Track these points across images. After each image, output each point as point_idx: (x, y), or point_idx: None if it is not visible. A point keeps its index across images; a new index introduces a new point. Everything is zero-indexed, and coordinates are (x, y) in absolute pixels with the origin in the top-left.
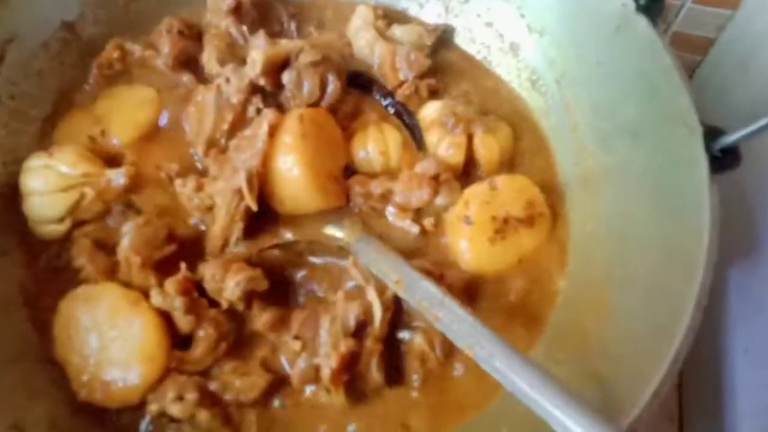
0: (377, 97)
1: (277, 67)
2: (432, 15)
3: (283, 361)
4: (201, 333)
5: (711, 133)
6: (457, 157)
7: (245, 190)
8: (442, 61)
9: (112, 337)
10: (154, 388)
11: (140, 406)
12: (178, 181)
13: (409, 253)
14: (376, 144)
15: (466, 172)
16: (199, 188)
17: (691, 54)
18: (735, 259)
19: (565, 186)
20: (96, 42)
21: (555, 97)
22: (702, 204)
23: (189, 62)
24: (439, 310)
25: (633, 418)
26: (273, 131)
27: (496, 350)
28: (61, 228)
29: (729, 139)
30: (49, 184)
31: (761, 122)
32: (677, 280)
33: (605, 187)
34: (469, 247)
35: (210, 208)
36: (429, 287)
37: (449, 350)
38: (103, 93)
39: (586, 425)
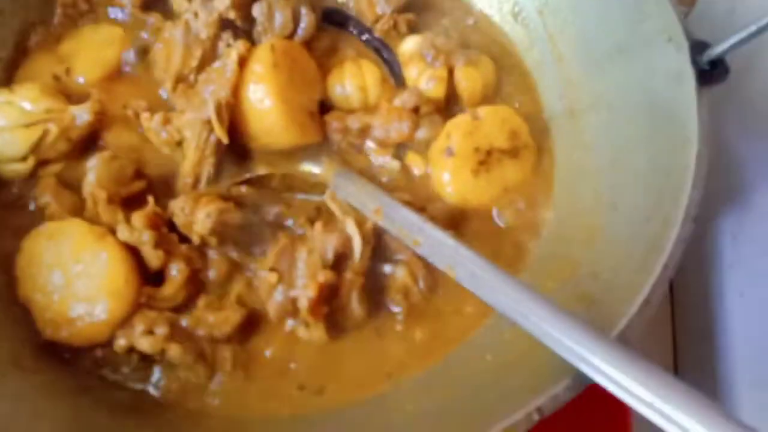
0: (354, 32)
1: (248, 0)
2: None
3: (258, 294)
4: (172, 269)
5: (697, 47)
6: (438, 90)
7: (215, 121)
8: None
9: (76, 273)
10: (123, 325)
11: (109, 345)
12: (144, 115)
13: (390, 189)
14: (353, 79)
15: (448, 107)
16: (167, 122)
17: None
18: (725, 207)
19: (550, 120)
20: None
21: (538, 28)
22: (690, 116)
23: (156, 1)
24: (419, 235)
25: (624, 324)
26: (243, 62)
27: (478, 269)
28: (23, 167)
29: (715, 50)
30: (10, 120)
31: (745, 31)
32: (667, 195)
33: (592, 115)
34: (451, 179)
35: (179, 143)
36: (408, 214)
37: (433, 283)
38: (67, 33)
39: (575, 335)
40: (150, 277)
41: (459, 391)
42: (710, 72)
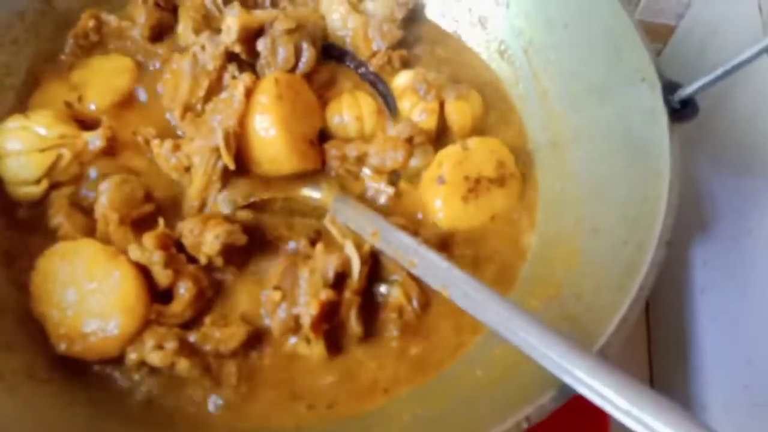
0: (351, 66)
1: (252, 35)
2: None
3: (263, 314)
4: (180, 287)
5: (669, 87)
6: (429, 122)
7: (223, 148)
8: (413, 34)
9: (90, 290)
10: (134, 340)
11: (120, 359)
12: (155, 142)
13: (385, 214)
14: (350, 110)
15: (439, 138)
16: (176, 148)
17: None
18: (697, 235)
19: (535, 151)
20: (72, 13)
21: (523, 66)
22: (663, 151)
23: (164, 33)
24: (414, 257)
25: (604, 341)
26: (249, 93)
27: (470, 289)
28: (37, 189)
29: (686, 91)
30: (26, 144)
31: (713, 74)
32: (642, 222)
33: (573, 148)
34: (442, 205)
35: (187, 169)
36: (403, 237)
37: (425, 302)
38: (79, 63)
39: (560, 350)
40: (159, 295)
41: (452, 402)
42: (681, 110)
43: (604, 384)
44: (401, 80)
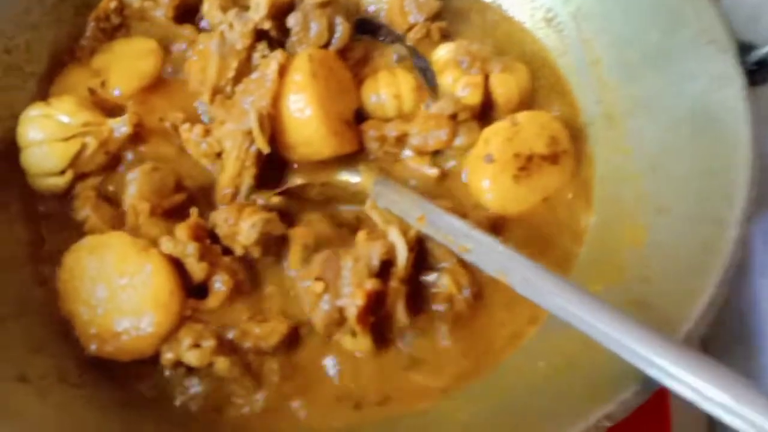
0: (387, 41)
1: (282, 11)
2: None
3: (304, 307)
4: (216, 281)
5: (742, 48)
6: (474, 96)
7: (256, 131)
8: (450, 5)
9: (121, 286)
10: (169, 338)
11: (154, 359)
12: (184, 127)
13: (429, 197)
14: (388, 88)
15: (483, 115)
16: (207, 133)
17: None
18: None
19: (587, 126)
20: None
21: (572, 34)
22: (738, 118)
23: (189, 13)
24: (467, 242)
25: (688, 328)
26: (282, 72)
27: (531, 274)
28: (62, 181)
29: (762, 51)
30: (48, 133)
31: None
32: (717, 197)
33: (631, 120)
34: (491, 186)
35: (219, 155)
36: (453, 221)
37: (477, 291)
38: (101, 47)
39: (641, 339)
40: (193, 290)
41: (514, 397)
42: (756, 73)
43: (698, 376)
44: (442, 54)
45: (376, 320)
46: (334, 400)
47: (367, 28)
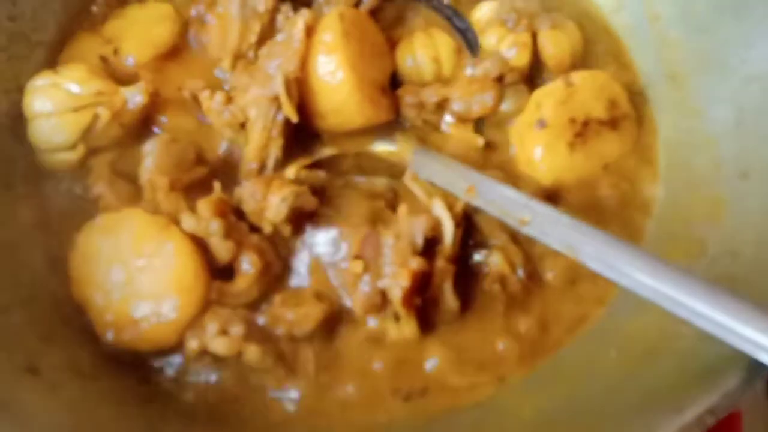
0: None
1: None
2: None
3: (338, 287)
4: (244, 262)
5: None
6: (522, 57)
7: (284, 97)
8: None
9: (139, 268)
10: (193, 325)
11: (175, 348)
12: (204, 94)
13: (475, 168)
14: (425, 50)
15: (531, 78)
16: (229, 100)
17: None
18: None
19: (648, 87)
20: None
21: None
22: None
23: None
24: (525, 213)
25: None
26: (310, 32)
27: (606, 245)
28: (73, 156)
29: None
30: (57, 104)
31: None
32: None
33: (699, 78)
34: (544, 154)
35: (242, 125)
36: (508, 191)
37: (532, 270)
38: (112, 13)
39: (746, 318)
40: (218, 271)
41: (584, 392)
42: None
43: None
44: (483, 11)
45: (422, 303)
46: (376, 391)
47: None
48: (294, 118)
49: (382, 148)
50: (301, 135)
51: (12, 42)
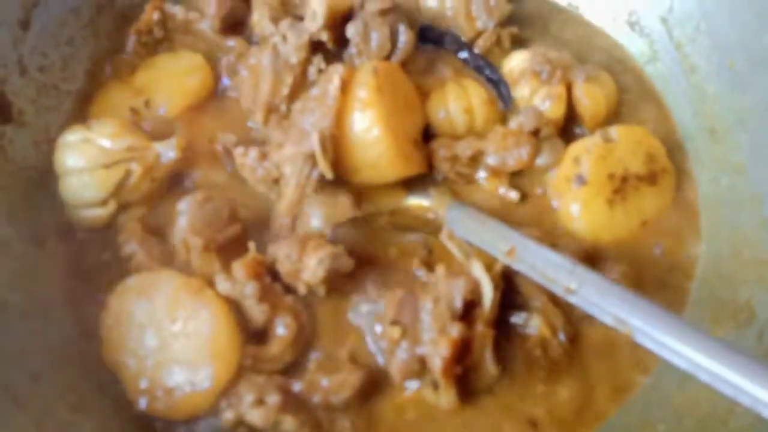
0: (452, 49)
1: (340, 20)
2: None
3: (374, 351)
4: (278, 325)
5: None
6: (557, 109)
7: (319, 155)
8: (522, 11)
9: (173, 333)
10: (227, 392)
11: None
12: (238, 151)
13: (510, 224)
14: (457, 101)
15: (565, 131)
16: (264, 157)
17: None
18: None
19: (687, 139)
20: (132, 8)
21: (662, 38)
22: None
23: (237, 25)
24: (572, 282)
25: None
26: (345, 87)
27: (660, 323)
28: (104, 212)
29: None
30: (89, 160)
31: None
32: None
33: (739, 133)
34: (582, 211)
35: (276, 181)
36: (550, 254)
37: (574, 334)
38: (143, 63)
39: None
40: (249, 334)
41: None
42: None
43: None
44: (515, 62)
45: (463, 369)
46: None
47: (430, 36)
48: (329, 175)
49: (415, 202)
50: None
51: (41, 93)
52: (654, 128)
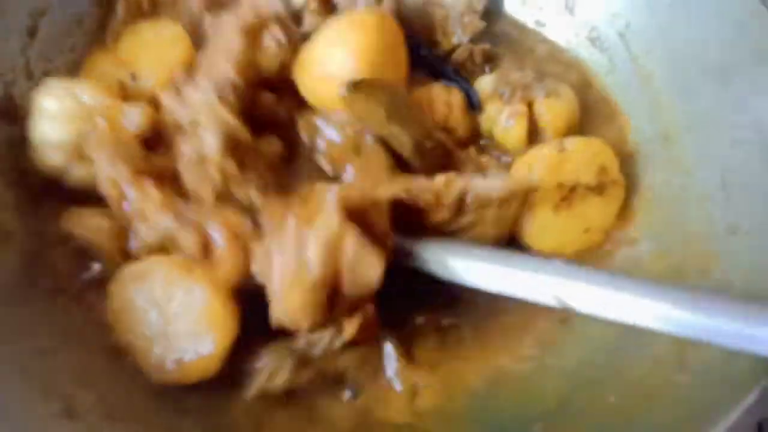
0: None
1: None
2: None
3: None
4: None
5: None
6: (518, 129)
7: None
8: (493, 29)
9: (174, 311)
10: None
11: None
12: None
13: None
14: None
15: (530, 145)
16: None
17: None
18: None
19: (641, 145)
20: None
21: (620, 52)
22: None
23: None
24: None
25: None
26: None
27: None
28: (62, 157)
29: None
30: (65, 107)
31: None
32: None
33: (690, 138)
34: (528, 216)
35: None
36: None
37: None
38: (126, 30)
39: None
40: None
41: None
42: None
43: None
44: (481, 87)
45: None
46: None
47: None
48: None
49: None
50: None
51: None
52: (613, 136)
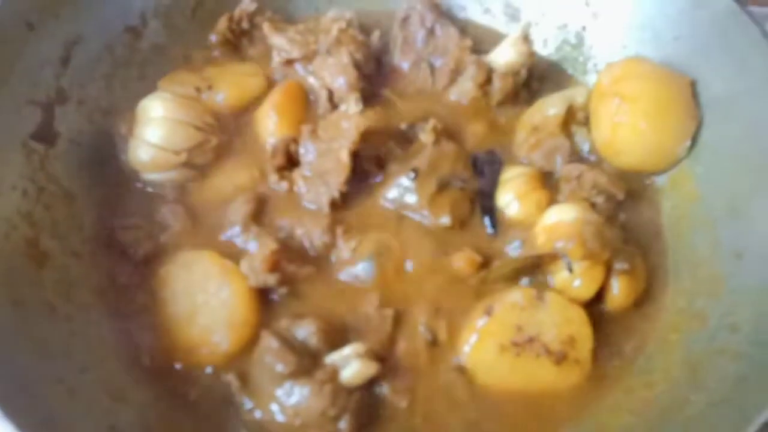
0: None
1: None
2: None
3: None
4: None
5: None
6: (587, 290)
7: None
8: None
9: (204, 302)
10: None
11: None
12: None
13: None
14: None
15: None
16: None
17: None
18: None
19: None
20: (162, 49)
21: None
22: None
23: None
24: None
25: None
26: None
27: None
28: (177, 160)
29: None
30: (188, 114)
31: None
32: None
33: (696, 166)
34: (474, 343)
35: None
36: None
37: None
38: (213, 61)
39: None
40: None
41: None
42: None
43: None
44: (559, 218)
45: None
46: None
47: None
48: None
49: None
50: None
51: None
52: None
